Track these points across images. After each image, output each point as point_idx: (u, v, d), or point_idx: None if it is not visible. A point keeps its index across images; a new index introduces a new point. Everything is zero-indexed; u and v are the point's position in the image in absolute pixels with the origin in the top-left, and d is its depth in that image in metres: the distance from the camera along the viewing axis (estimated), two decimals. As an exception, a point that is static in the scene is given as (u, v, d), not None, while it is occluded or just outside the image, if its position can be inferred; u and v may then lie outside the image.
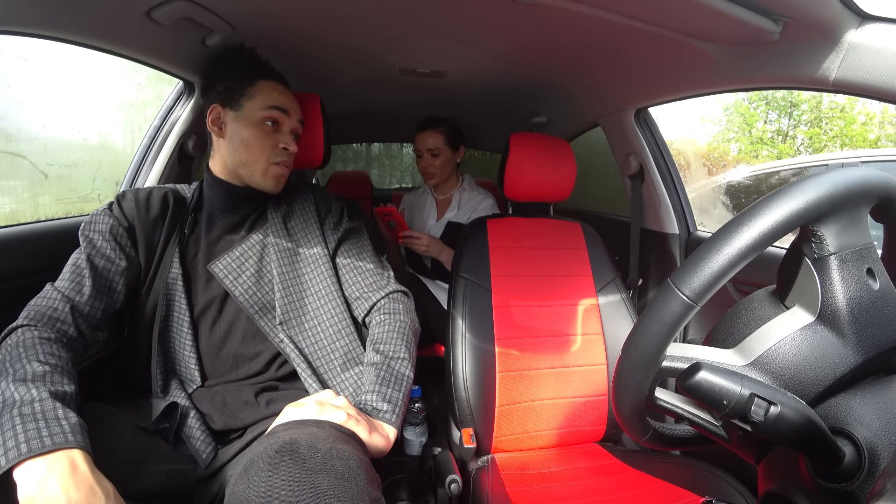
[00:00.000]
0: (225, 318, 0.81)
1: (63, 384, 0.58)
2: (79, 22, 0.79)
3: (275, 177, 0.85)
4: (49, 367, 0.59)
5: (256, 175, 0.84)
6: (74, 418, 0.54)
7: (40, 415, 0.52)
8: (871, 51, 0.67)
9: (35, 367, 0.58)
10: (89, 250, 0.75)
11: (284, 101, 0.86)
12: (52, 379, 0.58)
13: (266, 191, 0.86)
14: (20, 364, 0.58)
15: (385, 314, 0.84)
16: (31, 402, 0.53)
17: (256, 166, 0.83)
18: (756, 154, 8.97)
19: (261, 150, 0.83)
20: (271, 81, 0.86)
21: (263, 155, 0.83)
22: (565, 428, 1.06)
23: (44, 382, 0.56)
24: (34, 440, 0.49)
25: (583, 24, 0.91)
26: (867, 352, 0.40)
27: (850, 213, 0.40)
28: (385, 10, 0.92)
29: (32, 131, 1.16)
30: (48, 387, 0.56)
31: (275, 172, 0.85)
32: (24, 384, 0.55)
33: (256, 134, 0.83)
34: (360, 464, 0.52)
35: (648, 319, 0.41)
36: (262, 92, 0.84)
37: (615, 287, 1.15)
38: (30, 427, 0.50)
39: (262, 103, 0.83)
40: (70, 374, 0.61)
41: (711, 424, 0.45)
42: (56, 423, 0.52)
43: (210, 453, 0.71)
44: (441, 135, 1.52)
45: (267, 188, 0.85)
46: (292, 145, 0.86)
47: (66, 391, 0.58)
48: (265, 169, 0.84)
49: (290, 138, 0.86)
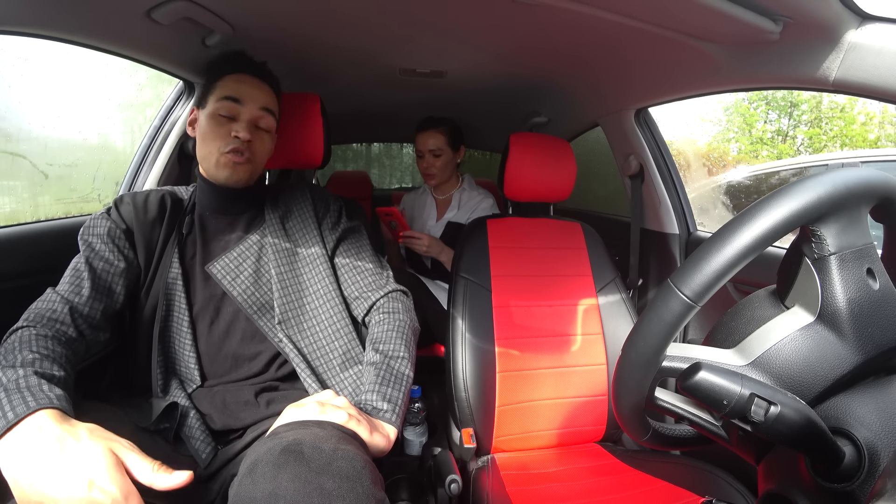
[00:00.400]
0: (223, 319, 0.81)
1: (53, 369, 0.59)
2: (79, 22, 0.79)
3: (226, 166, 0.81)
4: (40, 356, 0.59)
5: (211, 167, 0.82)
6: (59, 391, 0.54)
7: (25, 388, 0.53)
8: (871, 51, 0.67)
9: (25, 356, 0.59)
10: (88, 253, 0.76)
11: (241, 89, 0.83)
12: (42, 364, 0.58)
13: (222, 183, 0.83)
14: (12, 356, 0.59)
15: (384, 313, 0.84)
16: (17, 379, 0.54)
17: (210, 158, 0.82)
18: (756, 154, 8.97)
19: (212, 140, 0.81)
20: (236, 74, 0.84)
21: (215, 146, 0.81)
22: (565, 428, 1.06)
23: (31, 366, 0.57)
24: (19, 406, 0.50)
25: (583, 24, 0.91)
26: (867, 352, 0.40)
27: (850, 213, 0.40)
28: (385, 11, 0.92)
29: (32, 131, 1.16)
30: (35, 368, 0.57)
31: (225, 161, 0.81)
32: (13, 369, 0.56)
33: (210, 125, 0.82)
34: (365, 464, 0.52)
35: (648, 319, 0.41)
36: (222, 85, 0.83)
37: (615, 287, 1.15)
38: (14, 398, 0.51)
39: (218, 95, 0.82)
40: (61, 365, 0.61)
41: (711, 424, 0.45)
42: (39, 390, 0.53)
43: (209, 453, 0.71)
44: (442, 135, 1.52)
45: (221, 179, 0.82)
46: (243, 133, 0.81)
47: (55, 374, 0.58)
48: (217, 160, 0.81)
49: (242, 126, 0.81)
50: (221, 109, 0.82)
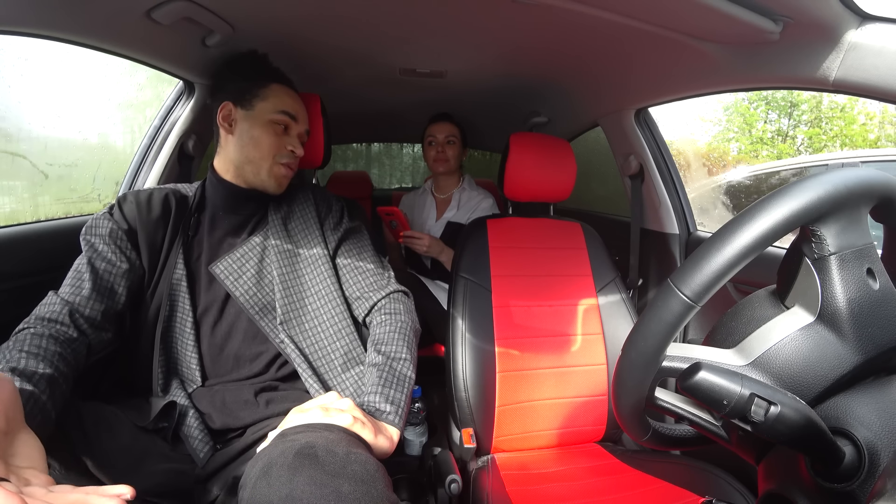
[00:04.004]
0: (226, 319, 0.81)
1: (37, 367, 0.58)
2: (79, 22, 0.79)
3: (278, 177, 0.86)
4: (26, 354, 0.59)
5: (262, 172, 0.85)
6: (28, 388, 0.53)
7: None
8: (871, 51, 0.67)
9: (13, 355, 0.58)
10: (90, 254, 0.75)
11: (296, 107, 0.89)
12: (26, 363, 0.57)
13: (269, 191, 0.87)
14: (1, 355, 0.59)
15: (386, 314, 0.84)
16: None
17: (263, 164, 0.85)
18: (756, 154, 8.97)
19: (269, 148, 0.85)
20: (283, 86, 0.89)
21: (270, 153, 0.85)
22: (565, 428, 1.06)
23: (9, 362, 0.56)
24: None
25: (583, 24, 0.91)
26: (867, 352, 0.40)
27: (850, 213, 0.40)
28: (385, 11, 0.92)
29: (32, 131, 1.16)
30: (11, 365, 0.56)
31: (279, 172, 0.86)
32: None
33: (266, 132, 0.85)
34: (378, 468, 0.52)
35: (648, 319, 0.41)
36: (274, 95, 0.86)
37: (615, 287, 1.15)
38: None
39: (275, 106, 0.85)
40: (50, 362, 0.60)
41: (711, 424, 0.45)
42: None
43: (207, 453, 0.71)
44: (456, 127, 1.60)
45: (270, 188, 0.86)
46: (299, 149, 0.88)
47: (36, 371, 0.57)
48: (270, 167, 0.85)
49: (297, 142, 0.88)
50: (280, 121, 0.85)
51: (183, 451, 0.71)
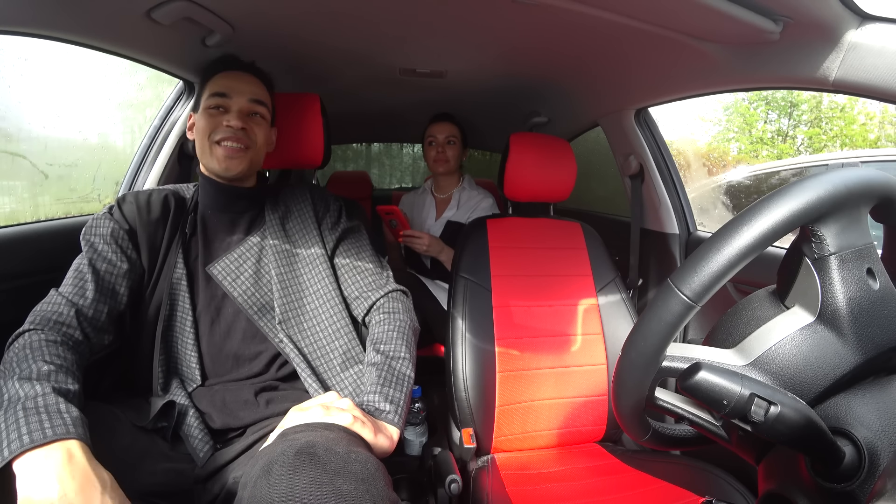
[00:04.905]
0: (224, 319, 0.81)
1: (67, 382, 0.59)
2: (79, 22, 0.79)
3: (220, 158, 0.82)
4: (54, 366, 0.60)
5: (206, 157, 0.83)
6: (76, 412, 0.54)
7: (43, 409, 0.53)
8: (871, 51, 0.67)
9: (40, 367, 0.59)
10: (91, 254, 0.75)
11: (229, 84, 0.84)
12: (57, 378, 0.59)
13: (220, 174, 0.83)
14: (26, 364, 0.59)
15: (384, 313, 0.84)
16: (35, 397, 0.54)
17: (205, 149, 0.83)
18: (756, 154, 8.96)
19: (203, 130, 0.83)
20: (224, 72, 0.86)
21: (206, 135, 0.83)
22: (565, 428, 1.06)
23: (48, 380, 0.57)
24: (36, 431, 0.50)
25: (583, 24, 0.91)
26: (867, 352, 0.40)
27: (850, 213, 0.40)
28: (385, 11, 0.92)
29: (32, 131, 1.16)
30: (52, 384, 0.57)
31: (218, 153, 0.81)
32: (30, 382, 0.56)
33: (203, 120, 0.83)
34: (378, 467, 0.52)
35: (648, 319, 0.41)
36: (210, 84, 0.85)
37: (615, 287, 1.15)
38: (32, 420, 0.51)
39: (209, 93, 0.84)
40: (74, 375, 0.62)
41: (711, 424, 0.45)
42: (58, 415, 0.53)
43: (207, 452, 0.71)
44: (456, 127, 1.60)
45: (218, 170, 0.83)
46: (234, 121, 0.81)
47: (70, 389, 0.58)
48: (210, 149, 0.82)
49: (233, 116, 0.82)
50: (211, 104, 0.83)
51: (183, 450, 0.71)
